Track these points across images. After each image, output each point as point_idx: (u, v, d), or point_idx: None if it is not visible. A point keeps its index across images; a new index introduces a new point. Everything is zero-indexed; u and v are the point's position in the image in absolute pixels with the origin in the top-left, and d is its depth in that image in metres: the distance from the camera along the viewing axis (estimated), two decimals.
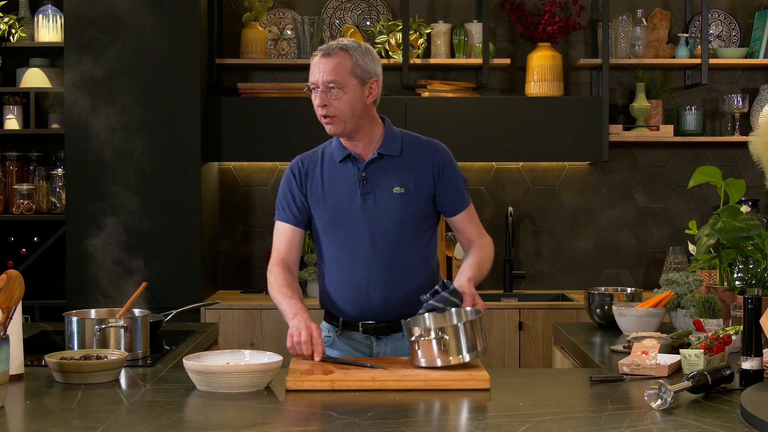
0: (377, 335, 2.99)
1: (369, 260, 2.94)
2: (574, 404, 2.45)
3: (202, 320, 4.60)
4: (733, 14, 5.31)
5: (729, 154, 5.28)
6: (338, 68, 2.87)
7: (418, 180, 2.96)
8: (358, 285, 2.96)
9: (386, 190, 2.94)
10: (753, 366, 2.45)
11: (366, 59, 2.91)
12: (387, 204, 2.94)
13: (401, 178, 2.95)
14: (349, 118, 2.90)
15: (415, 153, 2.99)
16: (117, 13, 4.68)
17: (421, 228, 2.98)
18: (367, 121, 2.96)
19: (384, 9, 5.26)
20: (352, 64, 2.88)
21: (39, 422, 2.21)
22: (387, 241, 2.94)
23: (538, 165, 5.25)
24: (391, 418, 2.25)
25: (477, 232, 3.08)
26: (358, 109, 2.90)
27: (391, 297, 2.95)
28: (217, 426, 2.19)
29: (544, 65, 5.05)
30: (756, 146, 3.41)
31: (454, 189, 3.01)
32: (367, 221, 2.94)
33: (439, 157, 3.00)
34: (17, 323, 2.62)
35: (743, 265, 3.34)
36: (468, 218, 3.06)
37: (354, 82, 2.88)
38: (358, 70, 2.89)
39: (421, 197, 2.96)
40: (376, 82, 2.95)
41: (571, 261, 5.30)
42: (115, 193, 4.64)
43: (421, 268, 2.99)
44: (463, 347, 2.60)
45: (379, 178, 2.95)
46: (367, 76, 2.91)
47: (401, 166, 2.96)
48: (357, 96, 2.89)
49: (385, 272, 2.94)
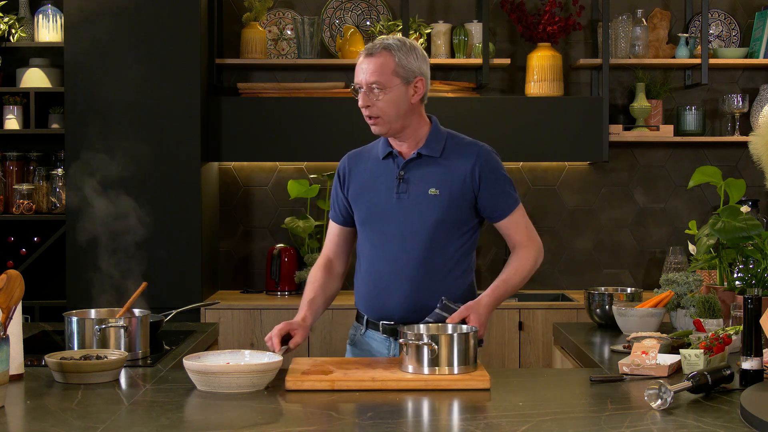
0: (396, 337, 2.94)
1: (395, 259, 2.92)
2: (574, 404, 2.45)
3: (202, 320, 4.61)
4: (733, 14, 5.32)
5: (729, 154, 5.28)
6: (381, 68, 2.84)
7: (455, 183, 2.90)
8: (381, 283, 2.95)
9: (422, 191, 2.91)
10: (753, 366, 2.45)
11: (410, 58, 2.86)
12: (421, 205, 2.90)
13: (438, 180, 2.90)
14: (394, 118, 2.87)
15: (456, 155, 2.93)
16: (117, 13, 4.69)
17: (454, 232, 2.93)
18: (414, 120, 2.92)
19: (384, 9, 5.26)
20: (395, 63, 2.84)
21: (39, 422, 2.21)
22: (416, 241, 2.90)
23: (538, 165, 5.25)
24: (391, 418, 2.25)
25: (523, 236, 2.99)
26: (403, 109, 2.87)
27: (412, 298, 2.91)
28: (217, 426, 2.19)
29: (544, 65, 5.05)
30: (756, 146, 3.41)
31: (495, 193, 2.93)
32: (400, 220, 2.92)
33: (479, 160, 2.92)
34: (17, 323, 2.62)
35: (743, 265, 3.33)
36: (513, 223, 2.98)
37: (397, 82, 2.84)
38: (402, 70, 2.85)
39: (457, 200, 2.90)
40: (422, 80, 2.89)
41: (571, 261, 5.30)
42: (115, 193, 4.62)
43: (448, 272, 2.93)
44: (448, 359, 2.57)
45: (416, 178, 2.92)
46: (411, 75, 2.87)
47: (440, 167, 2.92)
48: (401, 96, 2.86)
49: (408, 273, 2.91)
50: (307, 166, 5.24)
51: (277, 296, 5.02)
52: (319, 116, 4.97)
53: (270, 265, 5.07)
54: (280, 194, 5.26)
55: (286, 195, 5.19)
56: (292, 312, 4.70)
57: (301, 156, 5.04)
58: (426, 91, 2.93)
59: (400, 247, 2.91)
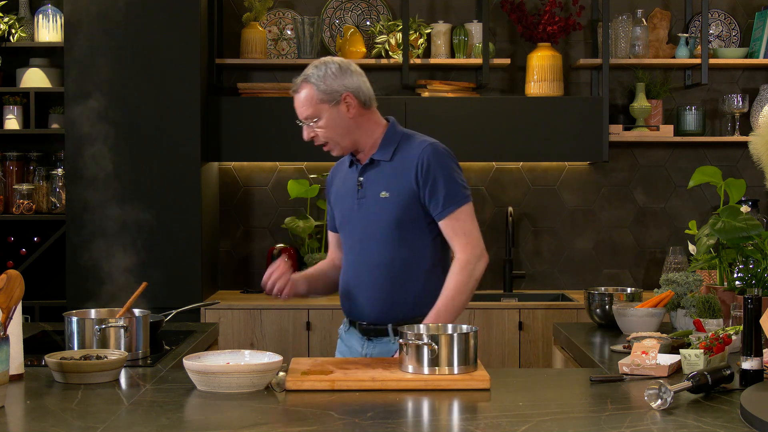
0: (368, 337, 3.03)
1: (359, 262, 3.01)
2: (574, 404, 2.45)
3: (202, 320, 4.60)
4: (733, 14, 5.32)
5: (729, 154, 5.28)
6: (307, 102, 2.90)
7: (403, 183, 2.93)
8: (351, 286, 3.04)
9: (375, 195, 2.96)
10: (753, 366, 2.45)
11: (329, 81, 2.88)
12: (375, 208, 2.96)
13: (388, 183, 2.95)
14: (340, 138, 2.94)
15: (404, 156, 2.95)
16: (117, 13, 4.68)
17: (410, 232, 2.94)
18: (364, 131, 2.96)
19: (384, 9, 5.26)
20: (316, 92, 2.88)
21: (39, 422, 2.21)
22: (374, 244, 2.97)
23: (538, 165, 5.25)
24: (391, 418, 2.25)
25: (460, 245, 2.91)
26: (344, 128, 2.92)
27: (377, 302, 2.98)
28: (217, 426, 2.19)
29: (544, 65, 5.05)
30: (756, 146, 3.41)
31: (434, 192, 2.91)
32: (361, 225, 2.99)
33: (422, 157, 2.91)
34: (17, 323, 2.62)
35: (743, 265, 3.34)
36: (451, 226, 2.91)
37: (326, 107, 2.89)
38: (325, 96, 2.88)
39: (406, 201, 2.92)
40: (349, 95, 2.90)
41: (571, 261, 5.30)
42: (115, 193, 4.64)
43: (411, 273, 2.96)
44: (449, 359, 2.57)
45: (371, 182, 2.98)
46: (335, 96, 2.89)
47: (390, 170, 2.96)
48: (336, 118, 2.90)
49: (369, 275, 2.98)
50: (307, 166, 5.24)
51: (277, 296, 5.01)
52: None
53: (270, 265, 5.05)
54: (280, 194, 5.26)
55: (286, 195, 5.19)
56: (292, 312, 4.74)
57: (301, 156, 5.04)
58: (364, 100, 2.93)
59: (362, 251, 2.99)
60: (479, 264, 2.91)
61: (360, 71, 2.96)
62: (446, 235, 2.94)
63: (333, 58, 2.95)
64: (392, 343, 2.97)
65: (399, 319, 2.95)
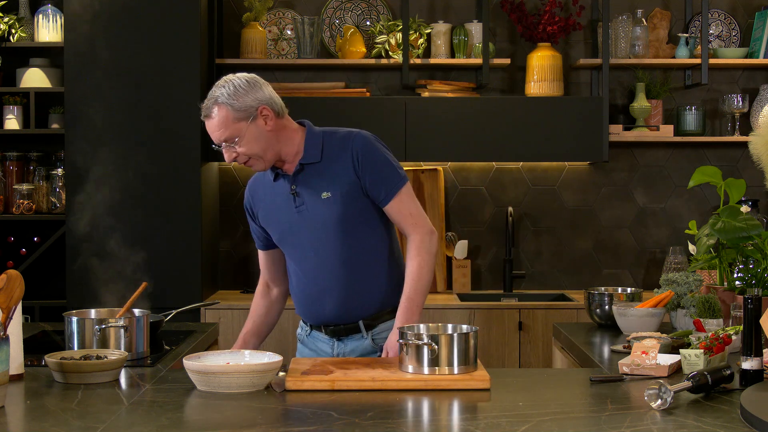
0: (338, 337, 3.02)
1: (315, 269, 2.96)
2: (574, 404, 2.45)
3: (202, 320, 4.61)
4: (733, 14, 5.31)
5: (729, 154, 5.28)
6: (222, 125, 2.81)
7: (341, 179, 2.90)
8: (312, 294, 3.00)
9: (316, 198, 2.91)
10: (753, 366, 2.45)
11: (241, 99, 2.80)
12: (319, 211, 2.91)
13: (327, 182, 2.91)
14: (263, 152, 2.87)
15: (334, 152, 2.92)
16: (117, 13, 4.69)
17: (364, 227, 2.93)
18: (283, 141, 2.90)
19: (384, 9, 5.26)
20: (230, 112, 2.80)
21: (39, 422, 2.21)
22: (327, 247, 2.93)
23: (538, 165, 5.25)
24: (391, 418, 2.25)
25: (408, 221, 2.91)
26: (266, 142, 2.86)
27: (345, 301, 2.96)
28: (217, 426, 2.19)
29: (544, 65, 5.05)
30: (756, 146, 3.41)
31: (375, 179, 2.89)
32: (306, 232, 2.94)
33: (353, 149, 2.89)
34: (17, 323, 2.62)
35: (743, 265, 3.33)
36: (397, 207, 2.91)
37: (243, 125, 2.81)
38: (241, 114, 2.80)
39: (350, 196, 2.90)
40: (264, 108, 2.84)
41: (571, 261, 5.30)
42: (115, 193, 4.64)
43: (374, 265, 2.95)
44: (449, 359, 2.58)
45: (307, 187, 2.93)
46: (251, 111, 2.82)
47: (324, 169, 2.92)
48: (256, 133, 2.84)
49: (333, 279, 2.95)
50: None
51: None
52: (319, 116, 4.93)
53: None
54: None
55: None
56: (292, 312, 4.70)
57: None
58: (278, 110, 2.88)
59: (316, 257, 2.95)
60: (432, 239, 2.92)
61: (265, 82, 2.90)
62: (393, 219, 2.94)
63: (235, 75, 2.86)
64: (365, 339, 2.98)
65: (370, 313, 2.96)
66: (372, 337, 2.98)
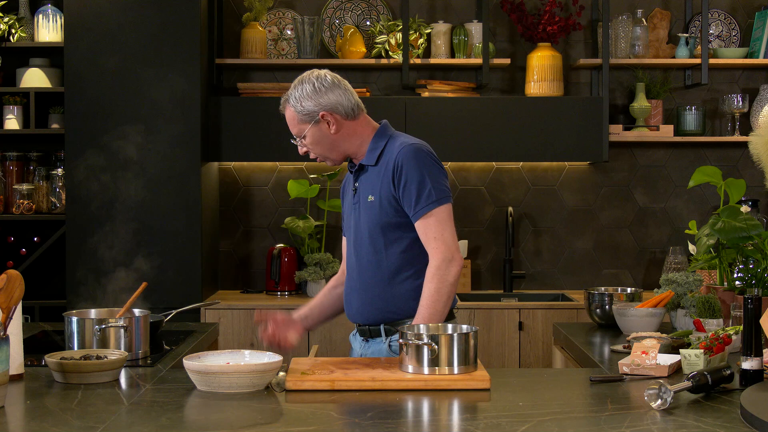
0: (365, 337, 3.06)
1: (353, 266, 3.06)
2: (574, 404, 2.45)
3: (202, 320, 4.60)
4: (733, 14, 5.31)
5: (729, 154, 5.28)
6: (291, 122, 2.97)
7: (383, 186, 2.94)
8: (348, 288, 3.10)
9: (365, 199, 3.00)
10: (753, 366, 2.45)
11: (305, 102, 2.90)
12: (365, 212, 3.00)
13: (374, 187, 2.97)
14: (328, 152, 2.99)
15: (387, 159, 2.95)
16: (117, 13, 4.69)
17: (393, 235, 2.95)
18: (352, 141, 2.98)
19: (384, 9, 5.26)
20: (296, 113, 2.93)
21: (39, 422, 2.21)
22: (363, 247, 3.00)
23: (538, 165, 5.25)
24: (391, 418, 2.25)
25: (430, 250, 2.88)
26: (329, 144, 2.96)
27: (367, 302, 3.00)
28: (217, 426, 2.19)
29: (544, 65, 5.05)
30: (756, 146, 3.41)
31: (408, 192, 2.89)
32: (355, 228, 3.04)
33: (398, 158, 2.90)
34: (17, 323, 2.62)
35: (743, 265, 3.34)
36: (423, 229, 2.89)
37: (307, 127, 2.94)
38: (305, 116, 2.92)
39: (387, 203, 2.93)
40: (327, 113, 2.91)
41: (571, 261, 5.30)
42: (115, 193, 4.64)
43: (394, 275, 2.96)
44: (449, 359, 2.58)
45: (363, 187, 3.02)
46: (313, 116, 2.91)
47: (375, 174, 2.97)
48: (319, 135, 2.94)
49: (361, 278, 3.02)
50: (307, 166, 5.25)
51: (277, 296, 5.02)
52: None
53: (270, 265, 5.07)
54: (280, 194, 5.26)
55: (286, 195, 5.20)
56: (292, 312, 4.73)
57: (301, 156, 5.02)
58: (346, 113, 2.92)
59: (355, 254, 3.04)
60: (451, 268, 2.86)
61: (338, 83, 2.93)
62: (420, 237, 2.91)
63: (312, 74, 2.93)
64: (383, 343, 2.99)
65: (392, 319, 2.98)
66: (389, 343, 2.94)
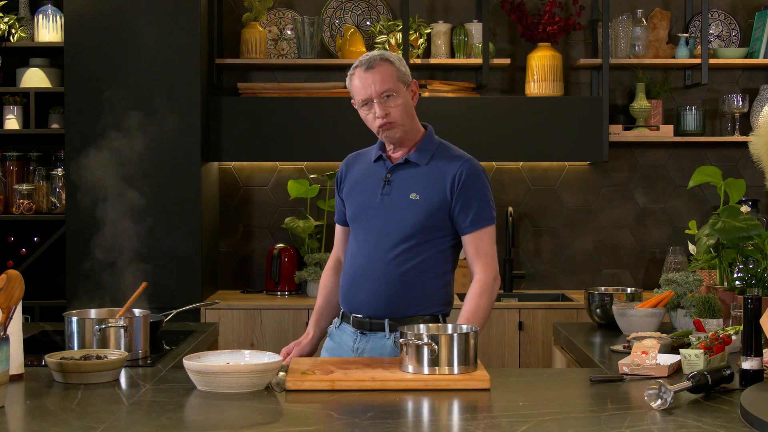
0: (362, 330, 3.03)
1: (370, 255, 3.01)
2: (574, 404, 2.45)
3: (202, 320, 4.61)
4: (733, 14, 5.31)
5: (729, 154, 5.28)
6: (388, 77, 2.96)
7: (435, 190, 2.98)
8: (356, 276, 3.04)
9: (403, 195, 2.99)
10: (753, 366, 2.45)
11: (402, 65, 3.01)
12: (401, 208, 2.99)
13: (420, 186, 2.99)
14: (407, 121, 3.01)
15: (441, 164, 3.01)
16: (117, 13, 4.69)
17: (429, 238, 2.98)
18: (414, 125, 3.05)
19: (384, 9, 5.26)
20: (396, 70, 2.98)
21: (39, 422, 2.21)
22: (391, 242, 2.98)
23: (538, 165, 5.25)
24: (391, 418, 2.25)
25: (481, 265, 2.99)
26: (411, 113, 3.02)
27: (381, 294, 2.98)
28: (217, 426, 2.19)
29: (544, 65, 5.05)
30: (756, 146, 3.41)
31: (468, 205, 2.98)
32: (380, 220, 3.01)
33: (462, 170, 2.99)
34: (17, 323, 2.62)
35: (743, 265, 3.34)
36: (476, 241, 2.99)
37: (402, 87, 2.98)
38: (403, 76, 2.99)
39: (435, 207, 2.97)
40: (415, 83, 3.04)
41: (571, 261, 5.30)
42: (115, 193, 4.63)
43: (419, 276, 2.98)
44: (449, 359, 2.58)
45: (400, 182, 3.02)
46: (408, 79, 3.01)
47: (423, 174, 3.00)
48: (408, 100, 3.01)
49: (380, 270, 2.98)
50: (307, 166, 5.25)
51: (277, 296, 5.02)
52: (319, 116, 4.97)
53: (270, 265, 5.07)
54: (280, 194, 5.26)
55: (286, 195, 5.20)
56: (292, 312, 4.74)
57: (301, 156, 5.05)
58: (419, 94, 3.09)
59: (377, 245, 3.01)
60: (496, 286, 3.01)
61: None
62: (466, 250, 3.01)
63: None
64: (386, 339, 2.98)
65: (398, 315, 2.97)
66: (394, 339, 2.96)
